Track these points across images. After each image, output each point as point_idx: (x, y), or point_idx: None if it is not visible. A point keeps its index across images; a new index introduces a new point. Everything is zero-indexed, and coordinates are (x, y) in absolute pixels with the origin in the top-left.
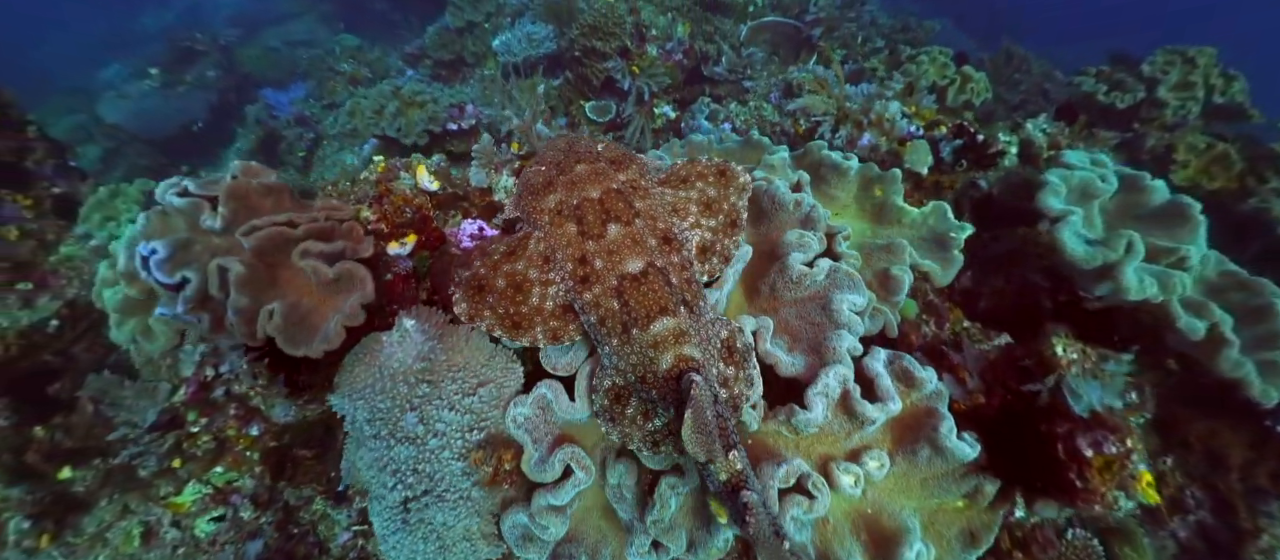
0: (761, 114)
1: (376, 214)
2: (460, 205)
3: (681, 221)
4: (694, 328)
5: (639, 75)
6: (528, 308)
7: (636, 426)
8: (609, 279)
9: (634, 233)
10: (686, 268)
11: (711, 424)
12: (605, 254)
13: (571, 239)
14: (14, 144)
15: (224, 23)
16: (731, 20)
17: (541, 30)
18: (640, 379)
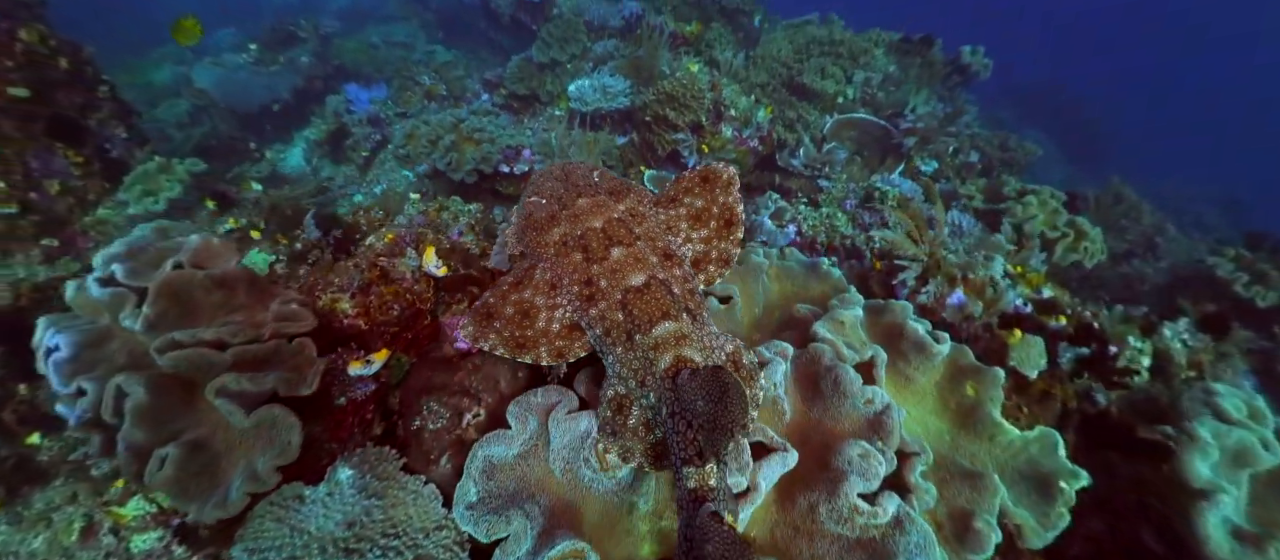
0: (833, 223)
1: (357, 307)
2: (468, 290)
3: (676, 238)
4: (697, 335)
5: (707, 154)
6: (534, 331)
7: (639, 438)
8: (614, 294)
9: (636, 252)
10: (688, 280)
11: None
12: (609, 274)
13: (577, 265)
14: (81, 100)
15: (332, 14)
16: (817, 110)
17: (619, 84)
18: (640, 382)
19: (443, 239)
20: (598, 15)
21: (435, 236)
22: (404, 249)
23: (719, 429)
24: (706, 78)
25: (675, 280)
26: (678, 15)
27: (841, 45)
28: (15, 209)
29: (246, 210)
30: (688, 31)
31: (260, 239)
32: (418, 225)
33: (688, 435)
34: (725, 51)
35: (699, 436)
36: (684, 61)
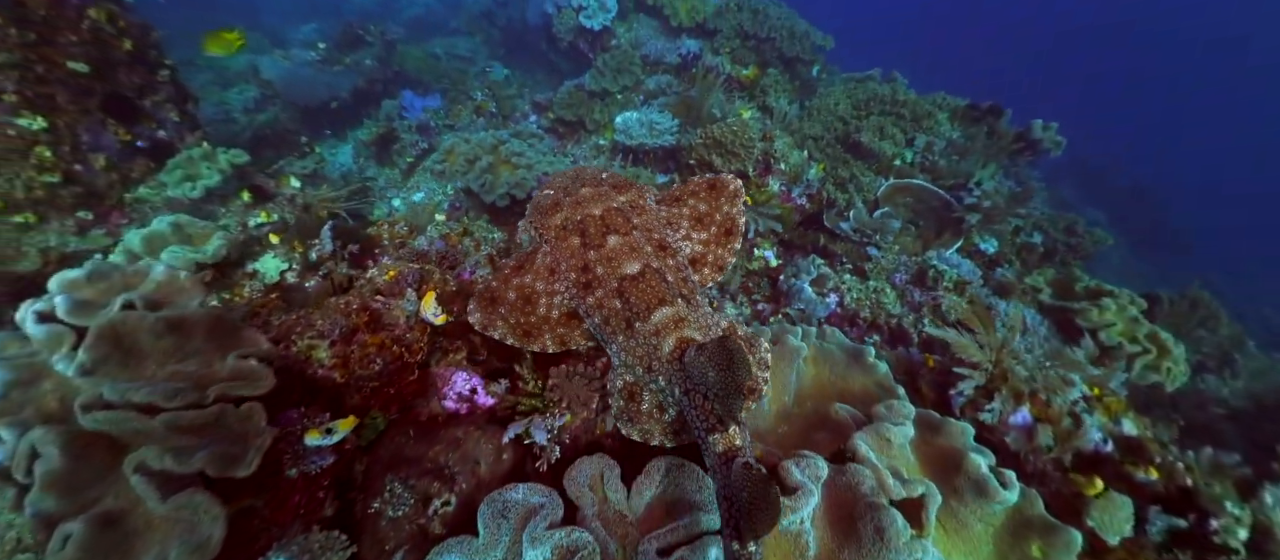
0: (880, 299)
1: (335, 357)
2: (469, 337)
3: (675, 233)
4: (693, 317)
5: (750, 206)
6: (536, 317)
7: (655, 421)
8: (610, 282)
9: (632, 241)
10: (682, 269)
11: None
12: (605, 261)
13: (574, 251)
14: (140, 81)
15: (404, 22)
16: (871, 171)
17: (666, 121)
18: (647, 368)
19: (449, 279)
20: (655, 50)
21: (442, 277)
22: (404, 290)
23: (732, 393)
24: (759, 126)
25: (669, 269)
26: (735, 58)
27: (904, 106)
28: (58, 178)
29: (280, 207)
30: (744, 76)
31: (279, 244)
32: (436, 249)
33: (706, 407)
34: (780, 99)
35: (716, 405)
36: (737, 106)
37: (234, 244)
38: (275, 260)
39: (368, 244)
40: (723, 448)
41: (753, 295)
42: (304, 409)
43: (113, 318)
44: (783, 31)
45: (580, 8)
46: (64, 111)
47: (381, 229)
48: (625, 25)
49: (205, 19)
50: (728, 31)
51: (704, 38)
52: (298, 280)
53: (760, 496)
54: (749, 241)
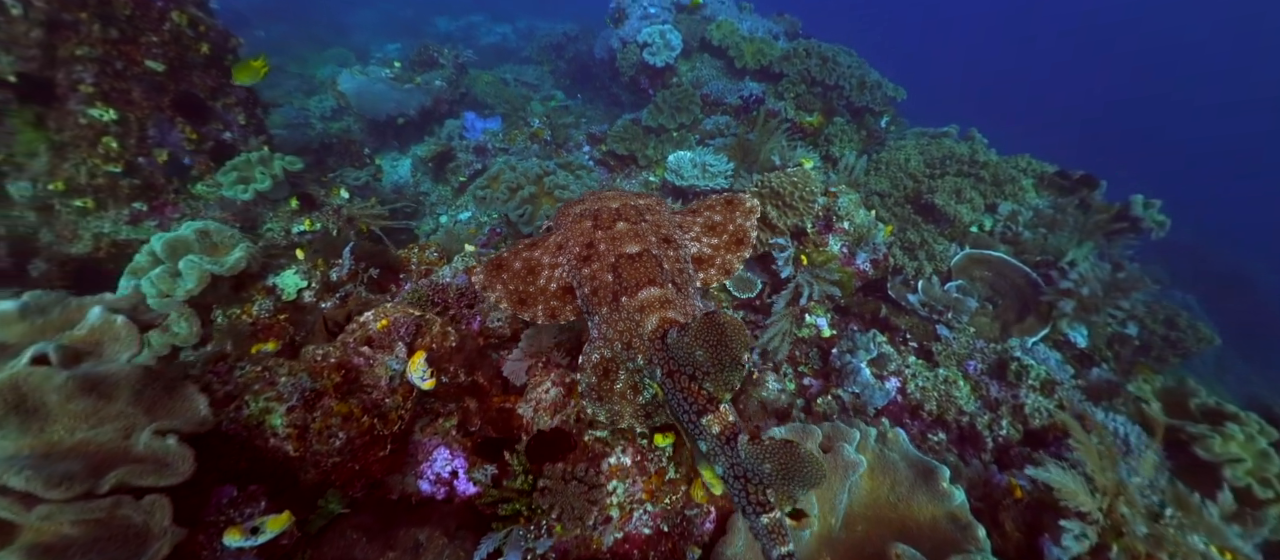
0: (950, 392)
1: (291, 426)
2: (465, 403)
3: (684, 235)
4: (680, 301)
5: (805, 267)
6: (535, 288)
7: (627, 402)
8: (608, 258)
9: (638, 230)
10: (681, 262)
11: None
12: (609, 240)
13: (585, 231)
14: (213, 84)
15: (479, 48)
16: (945, 237)
17: (720, 164)
18: (626, 345)
19: (449, 333)
20: (716, 90)
21: (442, 329)
22: (395, 343)
23: (725, 367)
24: (821, 179)
25: (668, 258)
26: (800, 104)
27: (985, 168)
28: (120, 168)
29: (326, 216)
30: (808, 123)
31: (303, 259)
32: (457, 285)
33: (692, 388)
34: (845, 151)
35: (706, 384)
36: (798, 153)
37: (256, 257)
38: (295, 277)
39: (393, 267)
40: (719, 428)
41: (800, 366)
42: (238, 491)
43: (16, 373)
44: (852, 80)
45: (645, 44)
46: (137, 106)
47: (411, 252)
48: (688, 64)
49: (301, 33)
50: (793, 76)
51: (768, 81)
52: (315, 300)
53: (792, 459)
54: (801, 306)
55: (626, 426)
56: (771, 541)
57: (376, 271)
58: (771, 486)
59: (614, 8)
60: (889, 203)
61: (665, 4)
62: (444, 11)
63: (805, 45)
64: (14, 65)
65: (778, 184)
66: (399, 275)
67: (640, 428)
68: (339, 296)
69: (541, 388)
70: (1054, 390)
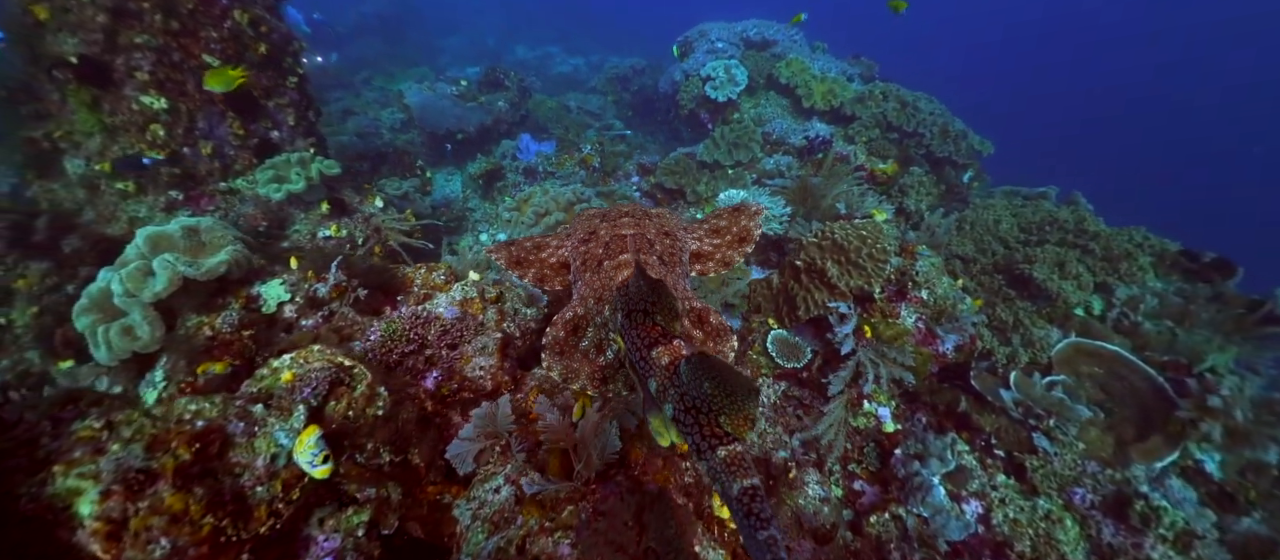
0: (1052, 534)
1: (105, 519)
2: (385, 488)
3: (687, 235)
4: (661, 270)
5: (869, 341)
6: (536, 258)
7: (587, 361)
8: (603, 237)
9: (639, 222)
10: (674, 251)
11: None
12: (609, 226)
13: (593, 223)
14: (268, 83)
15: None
16: (1043, 318)
17: (776, 207)
18: (598, 299)
19: (380, 397)
20: (780, 129)
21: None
22: (294, 405)
23: (670, 305)
24: (895, 235)
25: (660, 243)
26: (873, 149)
27: (1094, 240)
28: (163, 155)
29: (354, 224)
30: (880, 170)
31: (296, 268)
32: (447, 317)
33: (646, 323)
34: (922, 203)
35: (659, 318)
36: (868, 203)
37: (241, 262)
38: (280, 288)
39: (390, 287)
40: (669, 359)
41: (850, 463)
42: None
43: None
44: (934, 128)
45: (708, 78)
46: (190, 98)
47: (416, 272)
48: (752, 101)
49: (393, 52)
50: (867, 120)
51: (838, 124)
52: (296, 316)
53: (724, 373)
54: (860, 392)
55: (579, 387)
56: (731, 475)
57: (365, 291)
58: (722, 412)
59: (681, 41)
60: (974, 270)
61: (733, 39)
62: (524, 41)
63: (882, 87)
64: (77, 47)
65: (842, 236)
66: (396, 297)
67: (593, 392)
68: (322, 315)
69: (489, 485)
70: (1193, 547)
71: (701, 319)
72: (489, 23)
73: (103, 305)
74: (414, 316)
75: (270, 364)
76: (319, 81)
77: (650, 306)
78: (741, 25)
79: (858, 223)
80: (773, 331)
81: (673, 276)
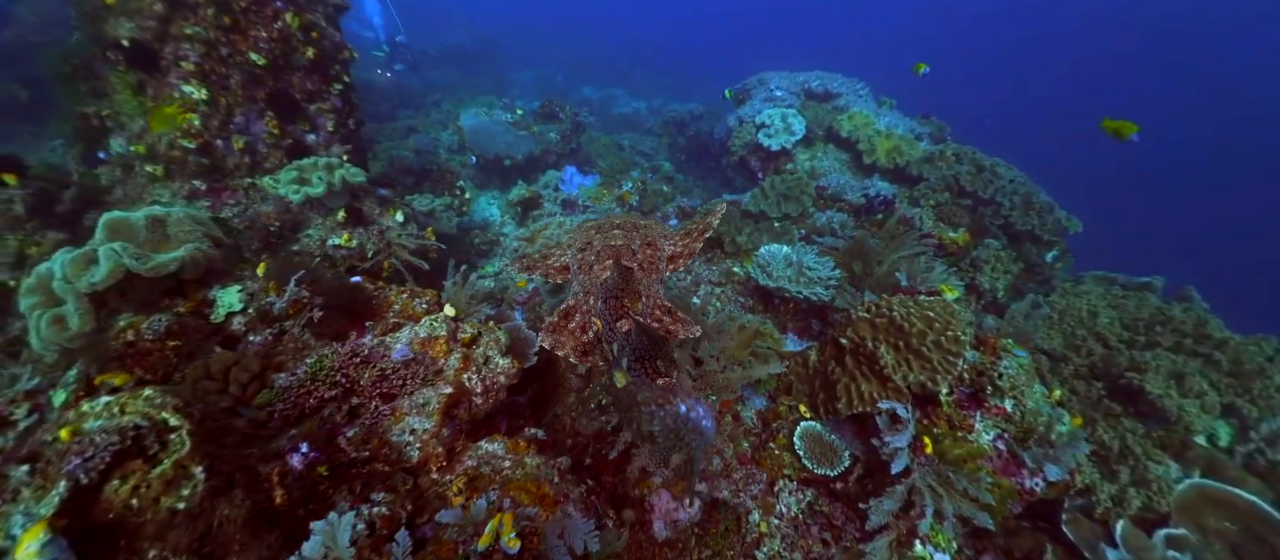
0: None
1: None
2: None
3: (668, 244)
4: (642, 276)
5: (930, 459)
6: (545, 262)
7: (573, 338)
8: (597, 247)
9: (628, 234)
10: (653, 260)
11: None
12: (602, 236)
13: (587, 230)
14: (312, 87)
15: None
16: (1155, 444)
17: (823, 269)
18: (587, 293)
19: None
20: (835, 184)
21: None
22: (57, 478)
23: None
24: (970, 318)
25: (642, 252)
26: (941, 215)
27: (1219, 348)
28: (195, 145)
29: (367, 235)
30: (950, 239)
31: (262, 275)
32: (399, 357)
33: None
34: (998, 281)
35: (625, 299)
36: (934, 274)
37: (200, 261)
38: (236, 295)
39: (360, 310)
40: (626, 328)
41: None
42: None
43: None
44: (1014, 197)
45: (762, 125)
46: (232, 93)
47: (396, 296)
48: (808, 152)
49: (467, 81)
50: (936, 182)
51: (902, 184)
52: (245, 329)
53: (655, 335)
54: (912, 525)
55: (564, 354)
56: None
57: (323, 311)
58: (659, 356)
59: (739, 87)
60: (1066, 372)
61: (794, 89)
62: (592, 82)
63: (955, 148)
64: (131, 32)
65: (902, 315)
66: (365, 322)
67: (577, 360)
68: (272, 332)
69: None
70: None
71: (667, 311)
72: (561, 62)
73: (45, 288)
74: (351, 353)
75: (80, 405)
76: (394, 98)
77: (620, 293)
78: (804, 75)
79: (924, 300)
80: (803, 422)
81: (647, 280)
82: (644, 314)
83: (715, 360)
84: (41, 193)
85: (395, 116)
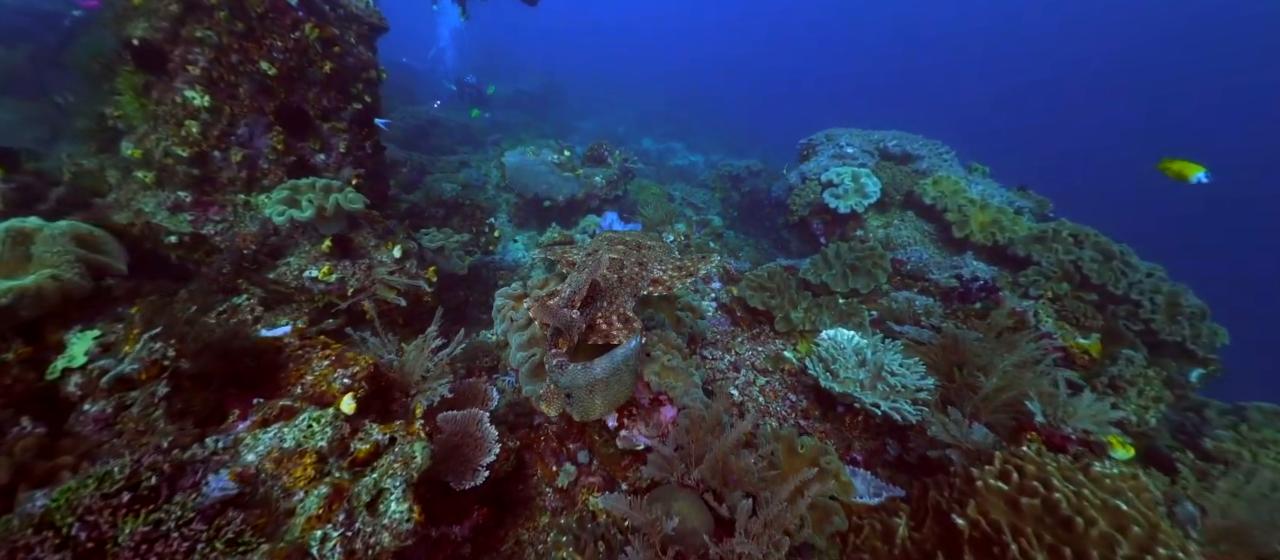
0: None
1: None
2: None
3: (656, 268)
4: (609, 283)
5: None
6: (561, 257)
7: (551, 313)
8: (597, 257)
9: (627, 253)
10: (636, 278)
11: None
12: (607, 248)
13: (598, 242)
14: (328, 104)
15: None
16: None
17: (909, 373)
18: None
19: None
20: (917, 259)
21: None
22: None
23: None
24: (1157, 496)
25: (630, 269)
26: (1062, 313)
27: None
28: (188, 153)
29: (353, 270)
30: (1079, 347)
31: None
32: (212, 497)
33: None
34: (1149, 414)
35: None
36: (1083, 405)
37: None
38: (89, 343)
39: (267, 378)
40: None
41: None
42: None
43: None
44: (1156, 297)
45: (830, 183)
46: (239, 102)
47: (320, 359)
48: (883, 219)
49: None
50: (1050, 267)
51: (1002, 266)
52: (80, 393)
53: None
54: None
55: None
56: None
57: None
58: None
59: (803, 144)
60: None
61: (868, 147)
62: (652, 134)
63: (1072, 228)
64: (145, 32)
65: (1067, 497)
66: (253, 399)
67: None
68: (109, 405)
69: None
70: None
71: (622, 317)
72: (623, 114)
73: None
74: (167, 453)
75: None
76: (457, 134)
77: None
78: (879, 134)
79: (1099, 473)
80: None
81: (620, 290)
82: (601, 314)
83: (753, 517)
84: (25, 188)
85: (455, 150)
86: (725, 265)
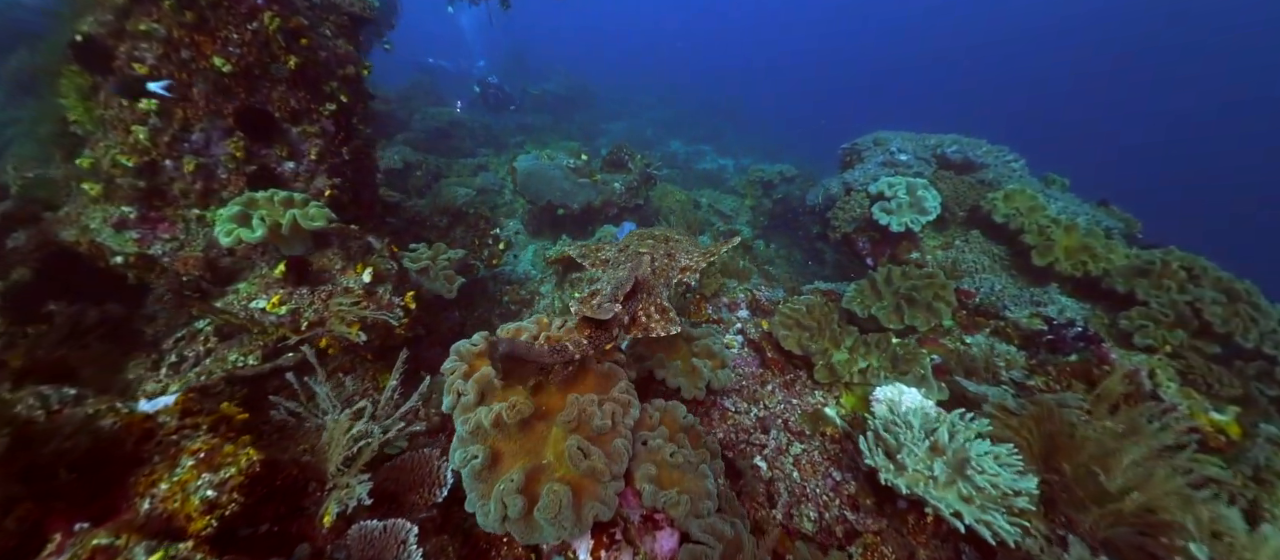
0: None
1: None
2: None
3: (685, 258)
4: (645, 276)
5: None
6: (593, 254)
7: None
8: (630, 252)
9: (655, 247)
10: (667, 270)
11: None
12: (639, 243)
13: (631, 237)
14: (297, 105)
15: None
16: None
17: (1007, 474)
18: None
19: None
20: (989, 290)
21: None
22: None
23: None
24: None
25: (660, 260)
26: (1188, 375)
27: None
28: (132, 163)
29: (310, 299)
30: (1210, 423)
31: None
32: None
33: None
34: None
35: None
36: (1270, 543)
37: None
38: None
39: (98, 485)
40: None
41: None
42: None
43: None
44: None
45: (880, 196)
46: (194, 104)
47: (190, 454)
48: (942, 238)
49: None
50: (1159, 309)
51: (1091, 301)
52: None
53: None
54: None
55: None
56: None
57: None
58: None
59: (846, 148)
60: None
61: (923, 154)
62: (681, 137)
63: (1182, 257)
64: (92, 26)
65: None
66: (74, 523)
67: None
68: None
69: None
70: None
71: (659, 309)
72: (652, 117)
73: None
74: None
75: None
76: (479, 135)
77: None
78: (935, 138)
79: None
80: None
81: (655, 282)
82: (640, 307)
83: None
84: None
85: (474, 153)
86: (754, 294)
